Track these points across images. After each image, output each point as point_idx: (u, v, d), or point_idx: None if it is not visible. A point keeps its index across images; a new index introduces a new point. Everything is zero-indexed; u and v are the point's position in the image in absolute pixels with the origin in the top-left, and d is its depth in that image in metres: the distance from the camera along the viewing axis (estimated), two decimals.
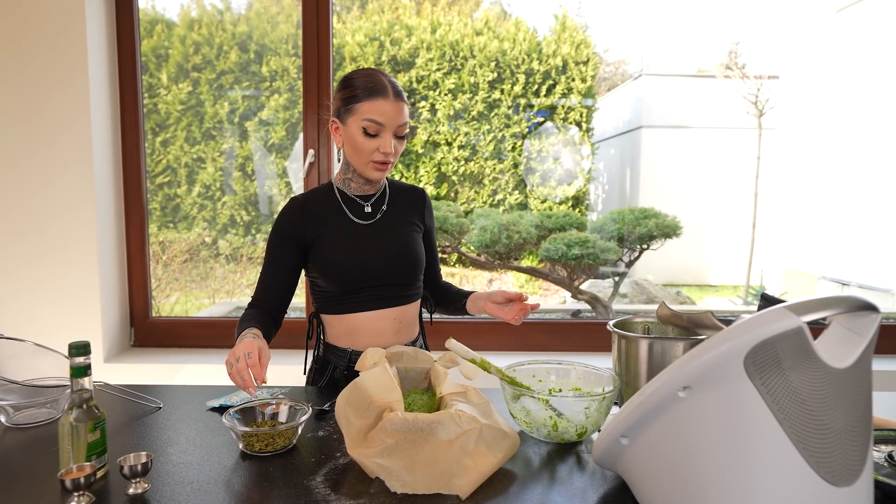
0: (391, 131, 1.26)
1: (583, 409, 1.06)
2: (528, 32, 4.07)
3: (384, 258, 1.33)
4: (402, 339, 1.38)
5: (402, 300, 1.36)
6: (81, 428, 0.91)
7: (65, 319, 2.02)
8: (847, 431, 0.70)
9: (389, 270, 1.34)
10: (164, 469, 0.98)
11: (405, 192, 1.44)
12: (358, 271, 1.32)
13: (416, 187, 1.46)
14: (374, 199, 1.38)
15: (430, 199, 1.48)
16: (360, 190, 1.36)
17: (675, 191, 5.49)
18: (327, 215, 1.34)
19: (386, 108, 1.24)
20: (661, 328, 1.25)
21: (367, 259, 1.32)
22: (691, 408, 0.73)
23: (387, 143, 1.25)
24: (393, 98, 1.25)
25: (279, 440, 1.04)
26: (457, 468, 0.91)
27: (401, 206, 1.41)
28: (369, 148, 1.26)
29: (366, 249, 1.33)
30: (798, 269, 5.10)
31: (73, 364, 0.93)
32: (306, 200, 1.35)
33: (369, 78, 1.26)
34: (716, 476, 0.72)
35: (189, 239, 3.32)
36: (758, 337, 0.68)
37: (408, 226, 1.40)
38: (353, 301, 1.33)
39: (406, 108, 1.28)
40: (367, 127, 1.24)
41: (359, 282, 1.32)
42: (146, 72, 2.77)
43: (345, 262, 1.31)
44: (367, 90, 1.25)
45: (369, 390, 0.99)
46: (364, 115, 1.24)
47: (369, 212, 1.36)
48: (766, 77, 4.91)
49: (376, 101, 1.24)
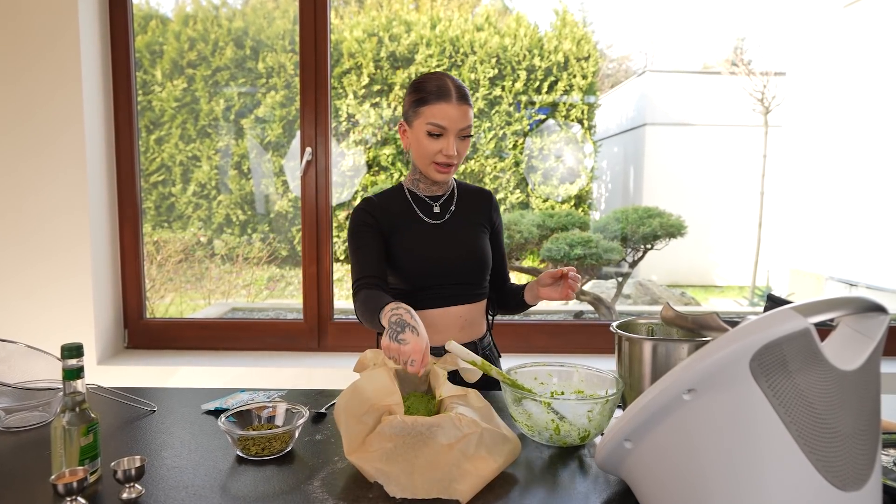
0: (454, 134, 1.32)
1: (585, 412, 1.06)
2: (529, 28, 4.07)
3: (452, 257, 1.40)
4: (467, 337, 1.43)
5: (468, 299, 1.43)
6: (74, 431, 0.91)
7: (57, 321, 2.02)
8: (855, 435, 0.70)
9: (456, 269, 1.41)
10: (158, 473, 0.98)
11: (472, 194, 1.51)
12: (426, 269, 1.39)
13: (483, 189, 1.53)
14: (442, 199, 1.45)
15: (497, 201, 1.55)
16: (428, 190, 1.44)
17: (680, 189, 5.50)
18: (399, 213, 1.41)
19: (449, 112, 1.30)
20: (665, 330, 1.25)
21: (435, 257, 1.39)
22: (696, 411, 0.73)
23: (450, 145, 1.32)
24: (457, 102, 1.31)
25: (275, 444, 1.04)
26: (457, 473, 0.91)
27: (468, 207, 1.48)
28: (433, 150, 1.33)
29: (434, 248, 1.40)
30: (805, 270, 5.10)
31: (66, 366, 0.93)
32: (379, 200, 1.43)
33: (436, 82, 1.33)
34: (721, 480, 0.72)
35: (184, 239, 3.32)
36: (764, 339, 0.68)
37: (475, 226, 1.47)
38: (420, 298, 1.39)
39: (471, 111, 1.34)
40: (430, 129, 1.32)
41: (427, 279, 1.39)
42: (140, 68, 2.77)
43: (414, 260, 1.39)
44: (433, 94, 1.32)
45: (368, 393, 0.99)
46: (429, 118, 1.31)
47: (437, 212, 1.44)
48: (773, 73, 4.91)
49: (440, 104, 1.31)
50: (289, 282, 3.99)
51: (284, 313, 3.76)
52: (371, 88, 4.01)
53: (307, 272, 2.19)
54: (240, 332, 2.23)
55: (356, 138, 4.18)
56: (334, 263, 2.24)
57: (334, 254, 2.24)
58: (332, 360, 2.14)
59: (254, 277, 3.66)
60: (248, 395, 1.35)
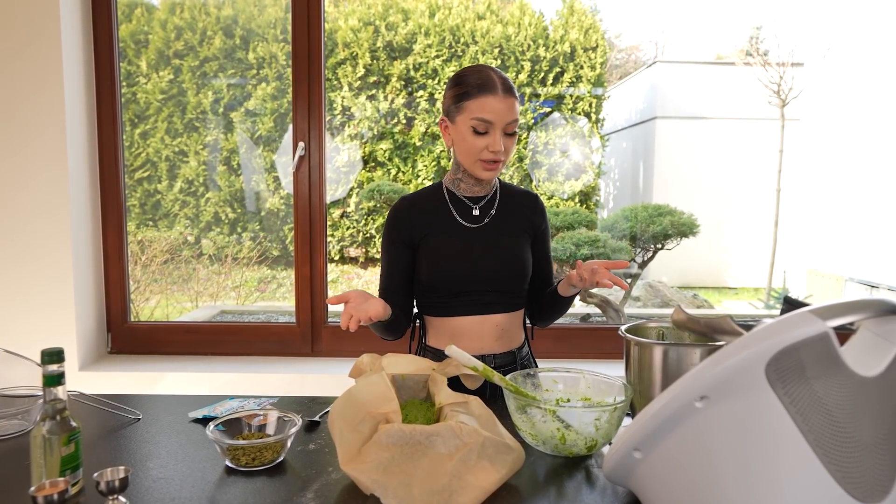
0: (500, 128, 1.30)
1: (592, 420, 1.06)
2: (534, 16, 4.08)
3: (488, 264, 1.38)
4: (504, 347, 1.42)
5: (505, 307, 1.41)
6: (55, 441, 0.91)
7: (38, 325, 2.02)
8: (875, 445, 0.70)
9: (493, 277, 1.38)
10: (143, 485, 0.98)
11: (517, 197, 1.47)
12: (461, 275, 1.37)
13: (530, 192, 1.50)
14: (483, 201, 1.43)
15: (544, 205, 1.52)
16: (469, 191, 1.42)
17: (692, 186, 5.50)
18: (434, 215, 1.41)
19: (495, 105, 1.29)
20: (676, 334, 1.25)
21: (470, 264, 1.37)
22: (709, 419, 0.73)
23: (496, 140, 1.30)
24: (502, 94, 1.29)
25: (267, 454, 1.04)
26: (457, 484, 0.91)
27: (511, 211, 1.44)
28: (479, 146, 1.31)
29: (470, 254, 1.38)
30: (823, 271, 5.10)
31: (46, 372, 0.93)
32: (415, 200, 1.43)
33: (479, 74, 1.31)
34: (735, 492, 0.72)
35: (170, 238, 3.32)
36: (780, 343, 0.68)
37: (516, 232, 1.44)
38: (455, 304, 1.39)
39: (517, 104, 1.32)
40: (475, 125, 1.30)
41: (461, 286, 1.38)
42: (124, 59, 2.78)
43: (448, 266, 1.38)
44: (476, 87, 1.30)
45: (364, 400, 0.99)
46: (473, 112, 1.30)
47: (477, 214, 1.41)
48: (790, 64, 4.91)
49: (486, 97, 1.29)
50: (280, 283, 4.00)
51: (276, 316, 3.76)
52: (367, 80, 4.02)
53: (300, 273, 2.19)
54: (229, 337, 2.23)
55: (351, 132, 4.19)
56: (328, 264, 2.24)
57: (328, 254, 2.25)
58: (326, 365, 2.14)
59: (244, 279, 3.67)
60: (237, 402, 1.36)
